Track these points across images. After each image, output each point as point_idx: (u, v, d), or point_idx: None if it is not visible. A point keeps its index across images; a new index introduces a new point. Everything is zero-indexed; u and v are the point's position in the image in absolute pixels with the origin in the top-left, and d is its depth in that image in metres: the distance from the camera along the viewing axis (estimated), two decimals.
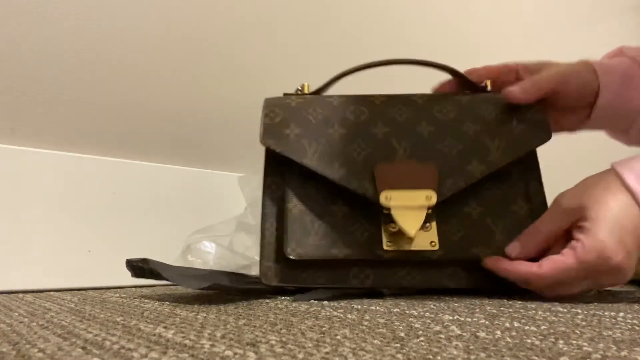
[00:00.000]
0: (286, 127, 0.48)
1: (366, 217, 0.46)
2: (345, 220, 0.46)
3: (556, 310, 0.35)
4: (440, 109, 0.49)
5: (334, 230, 0.46)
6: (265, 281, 0.46)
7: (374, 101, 0.50)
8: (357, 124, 0.48)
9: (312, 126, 0.48)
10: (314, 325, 0.29)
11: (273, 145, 0.47)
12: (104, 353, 0.23)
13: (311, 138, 0.48)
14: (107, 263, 0.65)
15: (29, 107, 0.65)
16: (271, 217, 0.48)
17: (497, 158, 0.46)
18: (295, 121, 0.49)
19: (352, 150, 0.47)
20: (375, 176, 0.45)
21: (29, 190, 0.62)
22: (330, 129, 0.48)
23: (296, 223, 0.46)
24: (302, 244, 0.45)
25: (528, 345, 0.23)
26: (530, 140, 0.47)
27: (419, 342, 0.24)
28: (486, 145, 0.47)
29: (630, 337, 0.25)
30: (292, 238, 0.45)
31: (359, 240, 0.45)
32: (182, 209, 0.74)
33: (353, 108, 0.49)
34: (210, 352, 0.22)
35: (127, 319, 0.33)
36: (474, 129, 0.47)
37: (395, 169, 0.46)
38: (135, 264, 0.46)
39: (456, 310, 0.36)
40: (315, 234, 0.46)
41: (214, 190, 0.78)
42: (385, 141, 0.47)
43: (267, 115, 0.49)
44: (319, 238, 0.45)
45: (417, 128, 0.48)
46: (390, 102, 0.50)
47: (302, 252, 0.45)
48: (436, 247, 0.44)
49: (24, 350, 0.24)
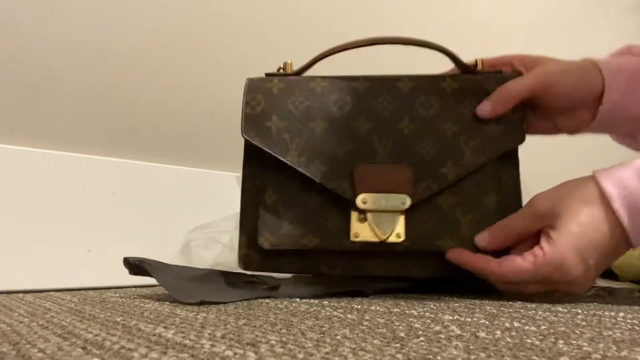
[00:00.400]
0: (268, 119, 0.49)
1: (338, 209, 0.47)
2: (317, 211, 0.48)
3: (556, 310, 0.35)
4: (424, 102, 0.49)
5: (306, 221, 0.47)
6: (243, 268, 0.48)
7: (358, 88, 0.49)
8: (339, 118, 0.49)
9: (294, 119, 0.49)
10: (314, 325, 0.29)
11: (255, 140, 0.48)
12: (104, 353, 0.23)
13: (293, 133, 0.48)
14: (107, 263, 0.65)
15: (29, 107, 0.65)
16: (250, 206, 0.50)
17: (470, 160, 0.47)
18: (277, 112, 0.49)
19: (334, 148, 0.48)
20: (354, 178, 0.47)
21: (29, 190, 0.62)
22: (312, 123, 0.48)
23: (270, 213, 0.48)
24: (275, 234, 0.47)
25: (528, 345, 0.23)
26: (504, 142, 0.47)
27: (419, 342, 0.24)
28: (461, 148, 0.47)
29: (630, 337, 0.25)
30: (265, 228, 0.47)
31: (329, 230, 0.47)
32: (182, 209, 0.74)
33: (336, 97, 0.49)
34: (210, 352, 0.22)
35: (127, 319, 0.33)
36: (453, 130, 0.48)
37: (373, 172, 0.47)
38: (133, 262, 0.46)
39: (456, 310, 0.36)
40: (288, 223, 0.47)
41: (214, 190, 0.78)
42: (367, 140, 0.48)
43: (248, 104, 0.50)
44: (292, 228, 0.47)
45: (398, 125, 0.48)
46: (375, 90, 0.49)
47: (274, 241, 0.47)
48: (402, 238, 0.45)
49: (24, 350, 0.24)
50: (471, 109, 0.48)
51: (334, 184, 0.47)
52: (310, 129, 0.48)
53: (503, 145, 0.47)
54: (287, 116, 0.49)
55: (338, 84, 0.50)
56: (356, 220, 0.46)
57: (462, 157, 0.47)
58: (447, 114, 0.48)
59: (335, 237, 0.47)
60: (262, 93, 0.50)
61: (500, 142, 0.47)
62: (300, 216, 0.47)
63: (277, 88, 0.50)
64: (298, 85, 0.50)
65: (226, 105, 0.81)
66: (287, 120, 0.49)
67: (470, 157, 0.47)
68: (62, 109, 0.68)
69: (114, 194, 0.69)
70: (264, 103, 0.49)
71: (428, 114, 0.48)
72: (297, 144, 0.48)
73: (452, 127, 0.48)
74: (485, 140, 0.47)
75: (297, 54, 0.55)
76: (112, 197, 0.69)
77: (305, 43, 0.88)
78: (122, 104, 0.73)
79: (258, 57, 0.85)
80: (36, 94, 0.66)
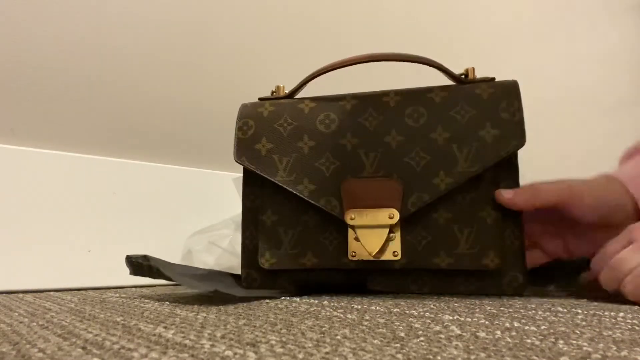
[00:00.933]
0: (258, 141, 0.50)
1: (335, 227, 0.47)
2: (316, 229, 0.48)
3: (556, 310, 0.35)
4: (412, 113, 0.47)
5: (304, 240, 0.48)
6: (246, 286, 0.50)
7: (344, 106, 0.49)
8: (326, 136, 0.49)
9: (283, 140, 0.50)
10: (314, 325, 0.29)
11: (246, 163, 0.50)
12: (104, 353, 0.23)
13: (282, 153, 0.49)
14: (107, 263, 0.65)
15: (29, 107, 0.65)
16: (250, 226, 0.51)
17: (464, 169, 0.45)
18: (266, 134, 0.50)
19: (321, 165, 0.48)
20: (342, 193, 0.47)
21: (29, 190, 0.62)
22: (300, 142, 0.49)
23: (269, 234, 0.49)
24: (275, 254, 0.48)
25: (528, 345, 0.23)
26: (501, 148, 0.45)
27: (419, 342, 0.24)
28: (454, 155, 0.45)
29: (630, 337, 0.25)
30: (265, 249, 0.48)
31: (327, 249, 0.47)
32: (182, 209, 0.75)
33: (323, 116, 0.49)
34: (210, 352, 0.22)
35: (127, 319, 0.33)
36: (444, 137, 0.46)
37: (361, 186, 0.47)
38: (135, 260, 0.45)
39: (456, 310, 0.36)
40: (287, 243, 0.48)
41: (214, 190, 0.78)
42: (354, 154, 0.48)
43: (240, 129, 0.51)
44: (290, 247, 0.48)
45: (385, 138, 0.47)
46: (361, 106, 0.49)
47: (274, 262, 0.48)
48: (398, 257, 0.45)
49: (24, 350, 0.24)
50: (464, 114, 0.46)
51: (323, 202, 0.47)
52: (298, 148, 0.49)
53: (500, 151, 0.45)
54: (275, 138, 0.50)
55: (325, 104, 0.50)
56: (353, 239, 0.46)
57: (455, 166, 0.45)
58: (437, 122, 0.47)
59: (333, 256, 0.47)
60: (253, 118, 0.51)
61: (497, 147, 0.45)
62: (299, 236, 0.48)
63: (267, 111, 0.51)
64: (287, 108, 0.51)
65: (226, 105, 0.81)
66: (276, 142, 0.50)
67: (464, 164, 0.45)
68: (62, 109, 0.68)
69: (114, 194, 0.69)
70: (254, 127, 0.51)
71: (417, 123, 0.47)
72: (286, 163, 0.49)
73: (443, 134, 0.46)
74: (480, 146, 0.45)
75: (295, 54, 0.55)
76: (112, 197, 0.69)
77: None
78: (122, 104, 0.73)
79: (258, 57, 0.85)
80: (36, 94, 0.66)
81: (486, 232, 0.45)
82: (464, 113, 0.46)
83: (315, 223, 0.48)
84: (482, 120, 0.46)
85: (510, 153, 0.45)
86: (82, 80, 0.69)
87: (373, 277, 0.48)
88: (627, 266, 0.40)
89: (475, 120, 0.46)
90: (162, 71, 0.76)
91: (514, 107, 0.46)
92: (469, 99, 0.47)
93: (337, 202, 0.47)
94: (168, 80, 0.77)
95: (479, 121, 0.46)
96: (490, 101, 0.46)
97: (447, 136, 0.46)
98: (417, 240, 0.46)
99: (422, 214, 0.46)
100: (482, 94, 0.47)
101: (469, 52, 1.15)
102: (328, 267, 0.47)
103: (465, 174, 0.45)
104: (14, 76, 0.64)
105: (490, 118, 0.46)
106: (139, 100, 0.74)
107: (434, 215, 0.46)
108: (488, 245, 0.44)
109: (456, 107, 0.47)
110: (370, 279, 0.48)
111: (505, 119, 0.45)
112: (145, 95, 0.75)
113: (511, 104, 0.46)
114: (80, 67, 0.69)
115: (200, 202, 0.77)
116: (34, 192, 0.63)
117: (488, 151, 0.45)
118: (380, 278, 0.48)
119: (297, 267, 0.48)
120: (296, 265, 0.48)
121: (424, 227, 0.46)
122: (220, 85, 0.81)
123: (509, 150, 0.45)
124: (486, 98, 0.46)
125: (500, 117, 0.45)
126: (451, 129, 0.46)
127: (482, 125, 0.46)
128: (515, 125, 0.45)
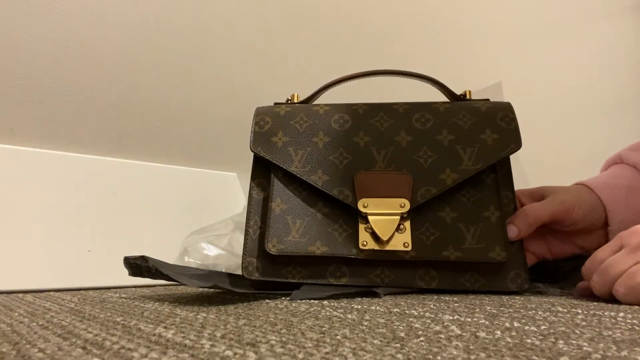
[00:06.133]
0: (274, 134, 0.52)
1: (345, 219, 0.49)
2: (325, 220, 0.49)
3: (556, 310, 0.35)
4: (419, 118, 0.52)
5: (313, 229, 0.49)
6: (246, 275, 0.49)
7: (357, 110, 0.53)
8: (340, 133, 0.52)
9: (299, 134, 0.52)
10: (314, 325, 0.29)
11: (262, 152, 0.52)
12: (104, 353, 0.23)
13: (297, 146, 0.52)
14: (107, 263, 0.65)
15: (29, 107, 0.65)
16: (256, 215, 0.51)
17: (468, 166, 0.49)
18: (283, 129, 0.53)
19: (335, 159, 0.51)
20: (355, 184, 0.49)
21: (29, 190, 0.62)
22: (315, 138, 0.52)
23: (278, 221, 0.49)
24: (283, 241, 0.48)
25: (528, 345, 0.23)
26: (501, 150, 0.50)
27: (419, 342, 0.24)
28: (459, 154, 0.50)
29: (630, 337, 0.25)
30: (274, 235, 0.49)
31: (337, 239, 0.49)
32: (181, 209, 0.75)
33: (337, 117, 0.53)
34: (210, 352, 0.22)
35: (127, 319, 0.33)
36: (449, 139, 0.51)
37: (373, 178, 0.50)
38: (133, 261, 0.45)
39: (456, 310, 0.36)
40: (295, 231, 0.49)
41: (214, 190, 0.78)
42: (366, 150, 0.51)
43: (257, 124, 0.53)
44: (299, 236, 0.49)
45: (395, 137, 0.51)
46: (373, 111, 0.53)
47: (282, 247, 0.48)
48: (409, 248, 0.47)
49: (24, 350, 0.24)
50: (466, 121, 0.51)
51: (336, 191, 0.49)
52: (313, 143, 0.52)
53: (499, 152, 0.50)
54: (292, 132, 0.53)
55: (339, 107, 0.54)
56: (363, 229, 0.48)
57: (460, 163, 0.49)
58: (442, 126, 0.51)
59: (343, 245, 0.48)
60: (269, 115, 0.54)
61: (498, 148, 0.50)
62: (309, 225, 0.49)
63: (284, 111, 0.54)
64: (303, 109, 0.54)
65: (226, 105, 0.81)
66: (292, 136, 0.52)
67: (468, 162, 0.49)
68: (62, 109, 0.68)
69: (114, 194, 0.69)
70: (271, 122, 0.53)
71: (424, 127, 0.52)
72: (301, 155, 0.51)
73: (448, 136, 0.51)
74: (482, 147, 0.50)
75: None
76: (112, 197, 0.69)
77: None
78: (123, 104, 0.73)
79: (258, 57, 0.85)
80: (36, 94, 0.66)
81: (491, 229, 0.48)
82: (466, 120, 0.51)
83: (324, 215, 0.50)
84: (482, 126, 0.51)
85: (509, 154, 0.50)
86: (83, 80, 0.69)
87: (381, 270, 0.48)
88: (618, 270, 0.40)
89: (477, 126, 0.51)
90: (162, 72, 0.76)
91: (509, 117, 0.51)
92: (469, 109, 0.52)
93: (350, 192, 0.49)
94: (168, 80, 0.77)
95: (480, 127, 0.51)
96: (488, 112, 0.52)
97: (452, 138, 0.51)
98: (426, 236, 0.48)
99: (430, 213, 0.49)
100: (480, 107, 0.52)
101: (469, 52, 1.15)
102: (338, 255, 0.48)
103: (469, 170, 0.49)
104: (14, 76, 0.64)
105: (490, 125, 0.51)
106: (139, 100, 0.74)
107: (441, 215, 0.49)
108: (494, 241, 0.47)
109: (459, 115, 0.52)
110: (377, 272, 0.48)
111: (502, 127, 0.51)
112: (146, 96, 0.75)
113: (506, 115, 0.51)
114: (80, 68, 0.69)
115: (200, 202, 0.77)
116: (34, 192, 0.63)
117: (489, 152, 0.50)
118: (388, 271, 0.48)
119: (306, 254, 0.48)
120: (305, 252, 0.48)
121: (431, 224, 0.49)
122: (221, 86, 0.81)
123: (508, 152, 0.50)
124: (485, 110, 0.52)
125: (498, 124, 0.51)
126: (455, 132, 0.51)
127: (482, 130, 0.51)
128: (512, 131, 0.51)
